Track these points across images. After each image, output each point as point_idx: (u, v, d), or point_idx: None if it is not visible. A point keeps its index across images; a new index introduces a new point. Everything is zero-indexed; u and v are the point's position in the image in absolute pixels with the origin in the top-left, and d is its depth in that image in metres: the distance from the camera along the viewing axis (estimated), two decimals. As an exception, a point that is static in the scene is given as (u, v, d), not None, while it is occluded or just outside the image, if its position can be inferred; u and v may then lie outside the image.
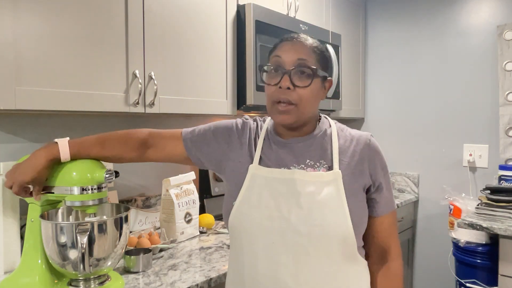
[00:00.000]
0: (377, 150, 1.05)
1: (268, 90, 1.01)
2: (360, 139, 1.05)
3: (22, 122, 1.51)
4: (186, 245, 1.62)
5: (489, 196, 2.11)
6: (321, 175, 0.99)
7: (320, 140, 1.05)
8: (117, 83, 1.42)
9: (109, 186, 1.21)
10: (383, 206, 1.06)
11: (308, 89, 0.98)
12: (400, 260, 1.10)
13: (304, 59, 0.98)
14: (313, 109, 1.03)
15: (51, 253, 1.11)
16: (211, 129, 1.14)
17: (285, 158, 1.03)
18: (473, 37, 2.60)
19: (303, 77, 0.98)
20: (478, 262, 2.15)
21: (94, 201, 1.13)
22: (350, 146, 1.04)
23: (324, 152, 1.03)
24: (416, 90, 2.82)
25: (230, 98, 1.86)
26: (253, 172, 1.03)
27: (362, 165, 1.02)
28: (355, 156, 1.02)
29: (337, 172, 0.99)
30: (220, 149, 1.11)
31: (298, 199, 0.97)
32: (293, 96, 0.98)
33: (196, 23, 1.69)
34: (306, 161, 1.02)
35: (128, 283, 1.24)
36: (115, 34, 1.41)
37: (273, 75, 1.01)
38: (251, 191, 1.01)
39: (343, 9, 2.66)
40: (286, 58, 0.99)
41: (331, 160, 1.02)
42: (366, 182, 1.02)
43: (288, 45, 1.01)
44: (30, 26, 1.20)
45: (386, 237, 1.08)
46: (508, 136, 2.44)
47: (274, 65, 1.00)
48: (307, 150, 1.04)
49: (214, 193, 2.06)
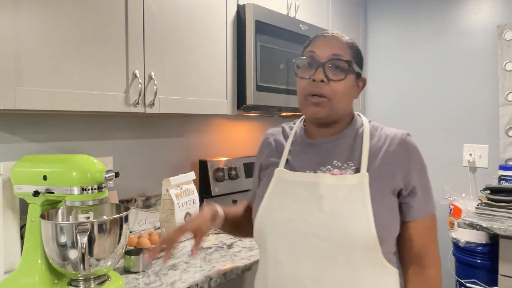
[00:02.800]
0: (412, 151, 1.00)
1: (301, 84, 1.00)
2: (394, 138, 1.00)
3: (22, 122, 1.51)
4: (186, 245, 1.62)
5: (489, 196, 2.11)
6: (345, 178, 0.95)
7: (350, 140, 1.01)
8: (117, 83, 1.42)
9: (109, 186, 1.21)
10: (417, 210, 0.99)
11: (342, 83, 0.97)
12: (438, 267, 1.03)
13: (339, 54, 0.97)
14: (346, 106, 1.01)
15: (51, 253, 1.11)
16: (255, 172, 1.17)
17: (311, 160, 1.01)
18: (473, 37, 2.60)
19: (337, 71, 0.97)
20: (478, 262, 2.15)
21: (94, 201, 1.13)
22: (383, 147, 0.99)
23: (353, 153, 0.99)
24: (416, 90, 2.82)
25: (230, 98, 1.85)
26: (278, 175, 1.02)
27: (393, 167, 0.97)
28: (387, 158, 0.97)
29: (364, 175, 0.95)
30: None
31: (320, 203, 0.94)
32: (326, 89, 0.96)
33: (196, 23, 1.69)
34: (333, 162, 0.99)
35: (128, 283, 1.24)
36: (115, 34, 1.41)
37: (306, 68, 0.99)
38: (274, 195, 1.01)
39: (343, 9, 2.66)
40: (320, 53, 0.98)
41: (359, 161, 0.97)
42: (396, 186, 0.96)
43: (323, 41, 1.00)
44: (30, 26, 1.20)
45: (421, 243, 1.01)
46: (508, 136, 2.44)
47: (308, 59, 0.99)
48: (335, 150, 1.01)
49: (214, 193, 2.06)
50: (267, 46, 1.88)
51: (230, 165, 2.15)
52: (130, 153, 1.86)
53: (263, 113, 2.26)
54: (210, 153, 2.23)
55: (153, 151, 1.96)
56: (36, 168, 1.16)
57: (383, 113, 2.95)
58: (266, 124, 2.60)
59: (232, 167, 2.15)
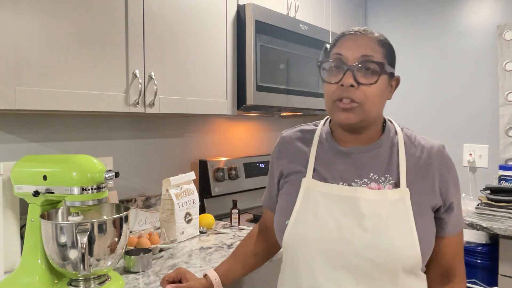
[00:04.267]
0: (450, 165, 0.94)
1: (328, 89, 0.91)
2: (431, 150, 0.94)
3: (22, 122, 1.51)
4: (186, 245, 1.62)
5: (489, 196, 2.11)
6: (386, 193, 0.88)
7: (387, 150, 0.94)
8: (117, 83, 1.42)
9: (109, 186, 1.21)
10: (452, 226, 0.95)
11: (374, 86, 0.88)
12: (465, 283, 1.00)
13: (369, 55, 0.88)
14: (379, 110, 0.93)
15: (51, 253, 1.11)
16: (269, 177, 1.12)
17: (345, 171, 0.93)
18: (473, 37, 2.60)
19: (368, 73, 0.88)
20: (478, 262, 2.15)
21: (94, 201, 1.13)
22: (420, 159, 0.93)
23: (390, 165, 0.92)
24: (416, 90, 2.82)
25: (230, 98, 1.85)
26: (307, 186, 0.94)
27: (432, 182, 0.91)
28: (425, 171, 0.91)
29: (405, 190, 0.88)
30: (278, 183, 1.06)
31: (361, 221, 0.87)
32: (357, 94, 0.87)
33: (196, 23, 1.69)
34: (370, 175, 0.92)
35: (128, 283, 1.24)
36: (115, 34, 1.41)
37: (334, 72, 0.90)
38: (305, 209, 0.92)
39: (343, 9, 2.66)
40: (348, 55, 0.89)
41: (397, 174, 0.91)
42: (437, 202, 0.92)
43: (351, 41, 0.91)
44: (30, 26, 1.20)
45: (451, 259, 0.97)
46: (508, 136, 2.44)
47: (335, 62, 0.90)
48: (372, 162, 0.93)
49: (214, 193, 2.06)
50: (267, 46, 1.88)
51: (230, 165, 2.15)
52: (130, 153, 1.86)
53: (263, 113, 2.26)
54: (210, 153, 2.23)
55: (153, 151, 1.96)
56: (36, 168, 1.16)
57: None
58: (266, 124, 2.60)
59: (232, 167, 2.15)
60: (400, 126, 1.01)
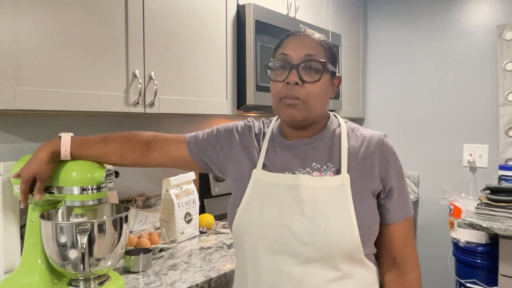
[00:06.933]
0: (390, 152, 0.98)
1: (275, 87, 0.96)
2: (372, 139, 0.98)
3: (22, 122, 1.51)
4: (186, 245, 1.62)
5: (489, 196, 2.11)
6: (327, 180, 0.93)
7: (328, 141, 0.99)
8: (117, 83, 1.42)
9: (109, 186, 1.21)
10: (395, 213, 0.98)
11: (317, 84, 0.93)
12: (418, 271, 1.01)
13: (313, 54, 0.94)
14: (322, 107, 0.98)
15: (51, 253, 1.11)
16: (213, 132, 1.13)
17: (290, 162, 0.98)
18: (473, 37, 2.60)
19: (311, 72, 0.93)
20: (478, 262, 2.15)
21: (94, 201, 1.13)
22: (361, 148, 0.97)
23: (332, 154, 0.97)
24: (416, 90, 2.82)
25: (230, 98, 1.85)
26: (256, 177, 0.99)
27: (372, 169, 0.95)
28: (365, 159, 0.95)
29: (345, 176, 0.93)
30: (223, 152, 1.09)
31: (302, 206, 0.91)
32: (301, 92, 0.92)
33: (196, 23, 1.69)
34: (312, 165, 0.97)
35: (128, 283, 1.24)
36: (115, 34, 1.41)
37: (279, 71, 0.96)
38: (253, 197, 0.97)
39: (343, 9, 2.66)
40: (293, 54, 0.94)
41: (339, 163, 0.95)
42: (376, 187, 0.95)
43: (295, 41, 0.96)
44: (30, 26, 1.20)
45: (400, 246, 0.99)
46: (508, 136, 2.44)
47: (281, 61, 0.96)
48: (313, 152, 0.98)
49: (214, 193, 2.06)
50: (267, 46, 1.88)
51: (230, 165, 2.15)
52: (130, 153, 1.85)
53: (263, 113, 2.26)
54: (210, 153, 2.23)
55: (153, 151, 1.95)
56: (36, 168, 1.16)
57: (383, 113, 2.95)
58: (266, 124, 2.59)
59: (232, 167, 2.15)
60: (344, 121, 1.05)
